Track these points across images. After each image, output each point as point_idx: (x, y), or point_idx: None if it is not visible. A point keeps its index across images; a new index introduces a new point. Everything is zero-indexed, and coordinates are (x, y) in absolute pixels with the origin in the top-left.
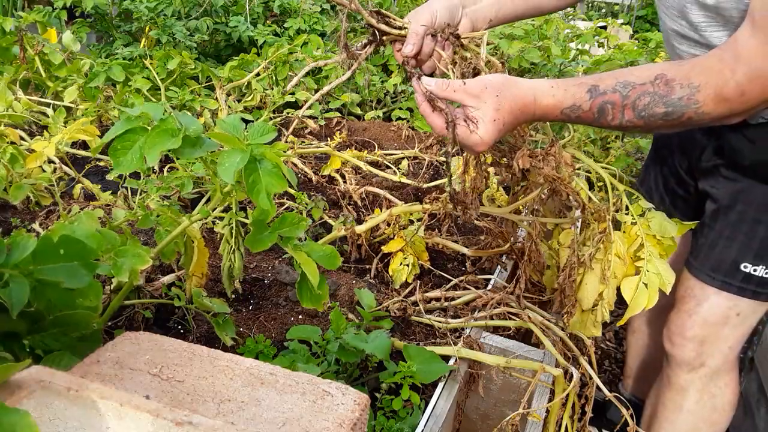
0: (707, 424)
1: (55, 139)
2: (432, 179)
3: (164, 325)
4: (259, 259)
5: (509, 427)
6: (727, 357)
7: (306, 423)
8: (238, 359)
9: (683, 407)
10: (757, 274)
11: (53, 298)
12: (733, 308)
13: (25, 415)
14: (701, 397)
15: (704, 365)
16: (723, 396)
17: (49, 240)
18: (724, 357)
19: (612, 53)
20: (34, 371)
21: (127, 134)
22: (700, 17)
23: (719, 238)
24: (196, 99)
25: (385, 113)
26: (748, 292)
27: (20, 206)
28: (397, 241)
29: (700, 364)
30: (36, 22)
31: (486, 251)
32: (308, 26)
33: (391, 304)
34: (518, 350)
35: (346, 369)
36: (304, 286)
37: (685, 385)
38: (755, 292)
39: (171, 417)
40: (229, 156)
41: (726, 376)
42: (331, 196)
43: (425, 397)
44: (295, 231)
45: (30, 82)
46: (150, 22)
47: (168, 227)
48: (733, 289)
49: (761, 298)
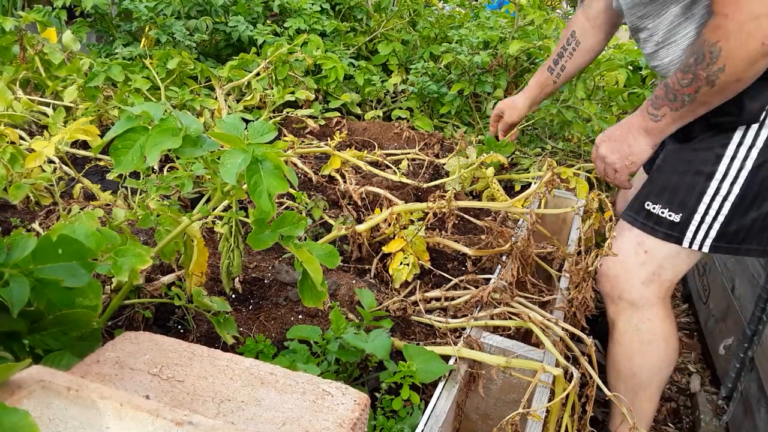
0: (638, 354)
1: (54, 139)
2: (432, 179)
3: (164, 325)
4: (259, 259)
5: (509, 427)
6: (642, 293)
7: (306, 423)
8: (238, 359)
9: (614, 338)
10: (655, 212)
11: (53, 297)
12: (641, 244)
13: (25, 415)
14: (626, 328)
15: (621, 299)
16: (649, 328)
17: (48, 240)
18: (638, 293)
19: (612, 53)
20: (34, 371)
21: (128, 133)
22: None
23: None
24: (195, 99)
25: (385, 113)
26: (648, 227)
27: (20, 206)
28: (397, 241)
29: (618, 297)
30: (36, 22)
31: (487, 251)
32: (308, 26)
33: (391, 304)
34: (518, 350)
35: (346, 369)
36: (305, 284)
37: (614, 317)
38: (653, 228)
39: (171, 417)
40: (231, 156)
41: (648, 310)
42: (331, 195)
43: (425, 397)
44: (295, 230)
45: (30, 82)
46: (150, 22)
47: (168, 227)
48: (637, 224)
49: (659, 236)
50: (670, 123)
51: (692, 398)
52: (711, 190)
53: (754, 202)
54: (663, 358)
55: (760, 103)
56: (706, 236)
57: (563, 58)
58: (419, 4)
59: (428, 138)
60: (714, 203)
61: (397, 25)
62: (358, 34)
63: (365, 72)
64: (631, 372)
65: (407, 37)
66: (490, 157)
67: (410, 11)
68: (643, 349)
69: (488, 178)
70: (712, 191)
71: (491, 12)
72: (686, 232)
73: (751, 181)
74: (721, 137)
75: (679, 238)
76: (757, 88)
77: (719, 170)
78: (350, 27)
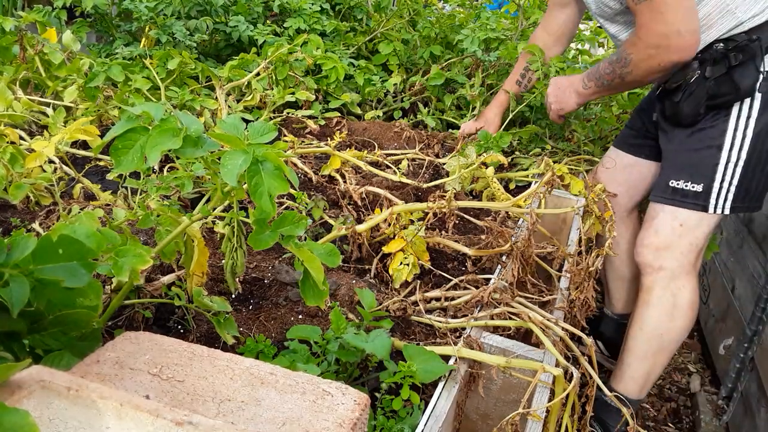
0: (668, 317)
1: (55, 139)
2: (432, 179)
3: (164, 325)
4: (259, 259)
5: (509, 426)
6: (681, 262)
7: (306, 423)
8: (238, 359)
9: (649, 302)
10: (680, 187)
11: (53, 297)
12: (675, 219)
13: (25, 415)
14: (663, 294)
15: (662, 268)
16: (681, 295)
17: (49, 240)
18: (678, 261)
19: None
20: (34, 371)
21: (128, 133)
22: None
23: (661, 171)
24: (195, 99)
25: (385, 113)
26: (677, 201)
27: (20, 206)
28: (397, 241)
29: (659, 267)
30: (36, 22)
31: (487, 251)
32: (308, 26)
33: (391, 304)
34: (518, 350)
35: (346, 369)
36: (307, 283)
37: (651, 285)
38: (682, 201)
39: (171, 417)
40: (232, 157)
41: (683, 278)
42: (331, 195)
43: (425, 397)
44: (296, 230)
45: (30, 82)
46: (150, 22)
47: (168, 227)
48: (668, 201)
49: (688, 206)
50: (592, 94)
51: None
52: (723, 159)
53: (758, 164)
54: (687, 325)
55: (751, 80)
56: (726, 200)
57: (530, 72)
58: (419, 4)
59: (428, 138)
60: (728, 170)
61: (397, 25)
62: (358, 34)
63: (365, 72)
64: (657, 333)
65: (407, 36)
66: (490, 157)
67: (410, 11)
68: (674, 313)
69: (488, 177)
70: (724, 160)
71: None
72: (710, 199)
73: (754, 146)
74: (722, 114)
75: (704, 206)
76: (746, 68)
77: (726, 141)
78: (350, 27)
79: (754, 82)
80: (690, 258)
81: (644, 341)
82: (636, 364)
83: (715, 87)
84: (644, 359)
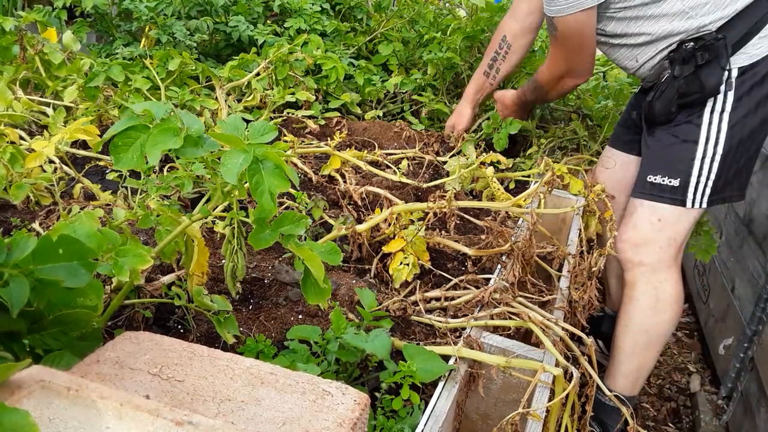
0: (653, 312)
1: (55, 139)
2: (432, 179)
3: (164, 325)
4: (259, 259)
5: (509, 426)
6: (660, 256)
7: (306, 422)
8: (238, 359)
9: (633, 298)
10: (657, 182)
11: (53, 297)
12: (654, 214)
13: (25, 415)
14: (646, 288)
15: (642, 263)
16: (663, 289)
17: (49, 240)
18: (657, 256)
19: None
20: (34, 371)
21: (129, 131)
22: None
23: (641, 166)
24: (196, 99)
25: (385, 113)
26: (654, 196)
27: (20, 206)
28: (397, 241)
29: (639, 262)
30: (36, 22)
31: (487, 251)
32: (308, 26)
33: (391, 304)
34: (518, 350)
35: (346, 368)
36: (308, 282)
37: (634, 280)
38: (659, 196)
39: (171, 417)
40: (232, 157)
41: (665, 272)
42: (331, 195)
43: (425, 397)
44: (296, 229)
45: (30, 82)
46: (150, 22)
47: (168, 227)
48: (646, 196)
49: (666, 201)
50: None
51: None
52: (699, 154)
53: (735, 158)
54: (673, 318)
55: (716, 78)
56: (704, 194)
57: (497, 62)
58: (419, 4)
59: (428, 138)
60: (704, 165)
61: (397, 25)
62: (358, 34)
63: (365, 72)
64: (643, 328)
65: (407, 36)
66: (490, 157)
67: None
68: (658, 307)
69: (488, 177)
70: (700, 155)
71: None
72: (687, 193)
73: (731, 139)
74: (695, 110)
75: (682, 200)
76: (711, 67)
77: (701, 135)
78: (350, 27)
79: (719, 80)
80: (670, 252)
81: (631, 337)
82: (626, 360)
83: (685, 86)
84: (633, 355)
